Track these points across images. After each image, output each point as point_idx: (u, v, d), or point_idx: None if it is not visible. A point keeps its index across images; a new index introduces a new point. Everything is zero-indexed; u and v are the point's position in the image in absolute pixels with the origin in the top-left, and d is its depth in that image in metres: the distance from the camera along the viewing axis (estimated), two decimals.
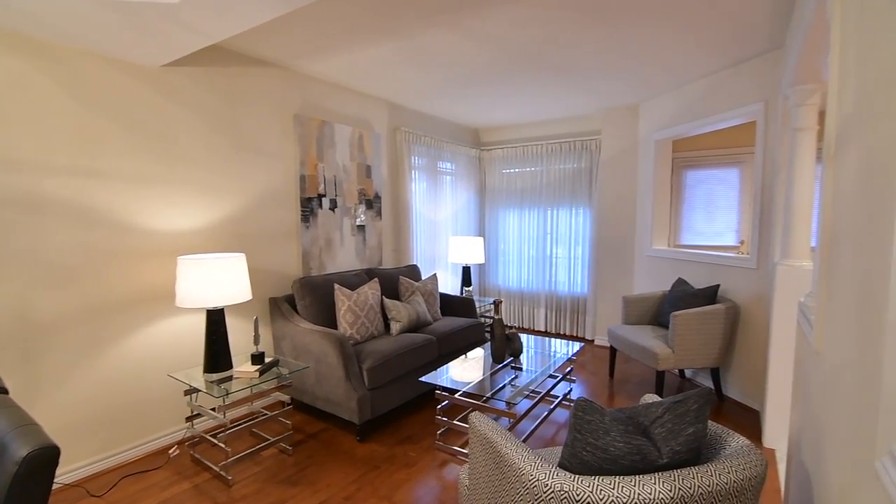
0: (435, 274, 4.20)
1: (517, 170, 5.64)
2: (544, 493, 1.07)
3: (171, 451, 2.71)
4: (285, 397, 2.81)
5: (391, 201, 4.54)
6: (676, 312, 3.27)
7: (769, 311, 2.94)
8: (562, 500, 1.04)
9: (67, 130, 2.37)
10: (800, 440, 1.50)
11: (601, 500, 1.01)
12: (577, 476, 1.07)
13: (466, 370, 2.94)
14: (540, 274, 5.57)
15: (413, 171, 4.76)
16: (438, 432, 2.86)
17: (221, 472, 2.45)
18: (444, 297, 4.35)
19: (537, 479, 1.09)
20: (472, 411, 2.78)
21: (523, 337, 3.69)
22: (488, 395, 2.51)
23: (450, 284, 5.40)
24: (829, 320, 1.16)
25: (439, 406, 2.83)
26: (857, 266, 0.95)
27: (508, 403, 2.41)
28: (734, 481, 1.05)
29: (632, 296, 4.01)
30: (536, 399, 2.90)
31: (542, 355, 3.25)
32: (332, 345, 2.84)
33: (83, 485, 2.38)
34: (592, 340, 5.16)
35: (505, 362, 3.08)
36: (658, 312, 3.95)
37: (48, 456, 0.78)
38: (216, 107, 3.01)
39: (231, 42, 2.93)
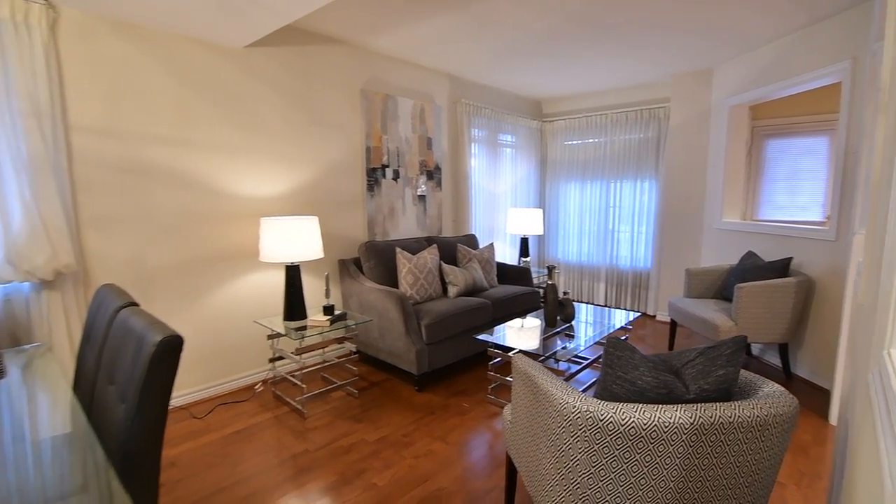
0: (492, 244, 4.32)
1: (580, 141, 5.55)
2: (572, 413, 1.19)
3: (256, 387, 3.12)
4: (352, 347, 3.11)
5: (451, 172, 4.68)
6: (741, 284, 3.17)
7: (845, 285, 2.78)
8: (587, 419, 1.16)
9: (168, 106, 2.73)
10: (848, 398, 1.49)
11: (622, 420, 1.12)
12: (603, 401, 1.18)
13: (519, 332, 3.06)
14: (601, 247, 5.50)
15: (473, 144, 4.85)
16: (490, 387, 3.04)
17: (298, 407, 2.80)
18: (501, 266, 4.47)
19: (566, 402, 1.22)
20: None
21: (581, 308, 3.74)
22: (541, 354, 2.63)
23: (507, 255, 5.49)
24: (872, 272, 1.16)
25: (492, 363, 2.99)
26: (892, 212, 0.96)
27: (556, 359, 2.52)
28: (757, 416, 1.11)
29: (695, 268, 3.89)
30: (585, 363, 2.97)
31: (598, 324, 3.30)
32: (394, 302, 3.08)
33: (188, 409, 2.82)
34: (654, 316, 5.06)
35: (558, 329, 3.17)
36: (723, 286, 3.82)
37: (175, 342, 1.03)
38: (292, 83, 3.28)
39: (304, 21, 3.17)
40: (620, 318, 3.43)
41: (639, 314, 3.56)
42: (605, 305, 5.54)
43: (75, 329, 2.39)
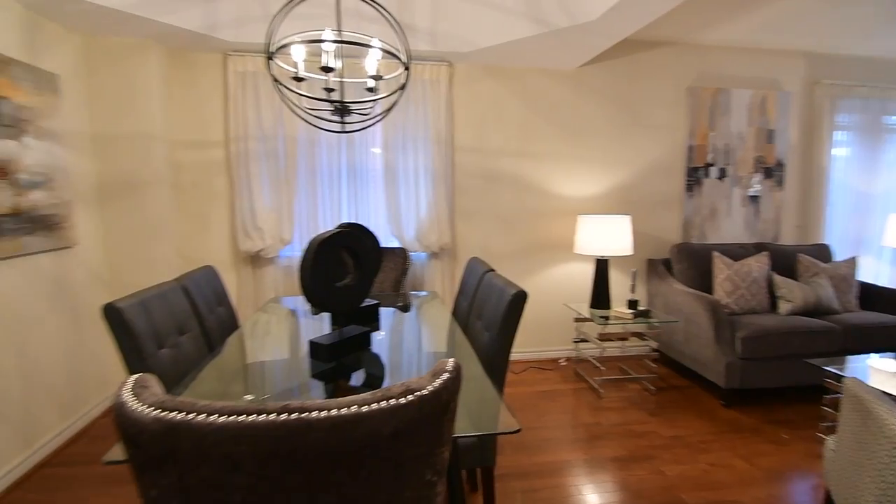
0: (854, 258, 3.45)
1: None
2: None
3: (560, 361, 3.61)
4: (653, 345, 3.17)
5: (799, 169, 3.95)
6: None
7: None
8: None
9: (515, 125, 3.47)
10: None
11: None
12: None
13: (885, 372, 2.43)
14: None
15: (837, 132, 3.93)
16: (824, 425, 2.54)
17: (595, 386, 3.11)
18: (868, 287, 3.51)
19: None
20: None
21: None
22: None
23: (884, 274, 4.19)
24: None
25: (829, 396, 2.49)
26: None
27: None
28: None
29: None
30: None
31: None
32: (705, 308, 2.96)
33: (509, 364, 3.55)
34: None
35: None
36: None
37: (523, 295, 1.54)
38: (614, 92, 3.56)
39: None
40: None
41: None
42: None
43: (447, 285, 3.42)
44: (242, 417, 0.63)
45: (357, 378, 1.45)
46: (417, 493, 0.75)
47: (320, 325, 2.07)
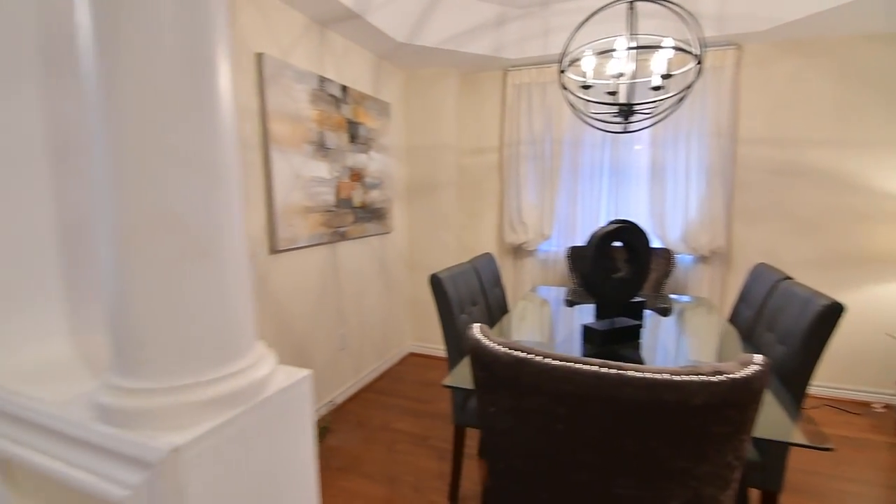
0: None
1: None
2: None
3: (874, 406, 2.81)
4: None
5: None
6: None
7: None
8: None
9: (825, 108, 2.84)
10: None
11: None
12: None
13: None
14: None
15: None
16: None
17: None
18: None
19: None
20: None
21: None
22: None
23: None
24: None
25: None
26: None
27: None
28: None
29: None
30: None
31: None
32: None
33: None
34: None
35: None
36: None
37: (838, 308, 1.30)
38: None
39: None
40: None
41: None
42: None
43: (716, 291, 3.08)
44: (570, 364, 0.80)
45: None
46: (715, 470, 0.79)
47: (577, 316, 2.20)
